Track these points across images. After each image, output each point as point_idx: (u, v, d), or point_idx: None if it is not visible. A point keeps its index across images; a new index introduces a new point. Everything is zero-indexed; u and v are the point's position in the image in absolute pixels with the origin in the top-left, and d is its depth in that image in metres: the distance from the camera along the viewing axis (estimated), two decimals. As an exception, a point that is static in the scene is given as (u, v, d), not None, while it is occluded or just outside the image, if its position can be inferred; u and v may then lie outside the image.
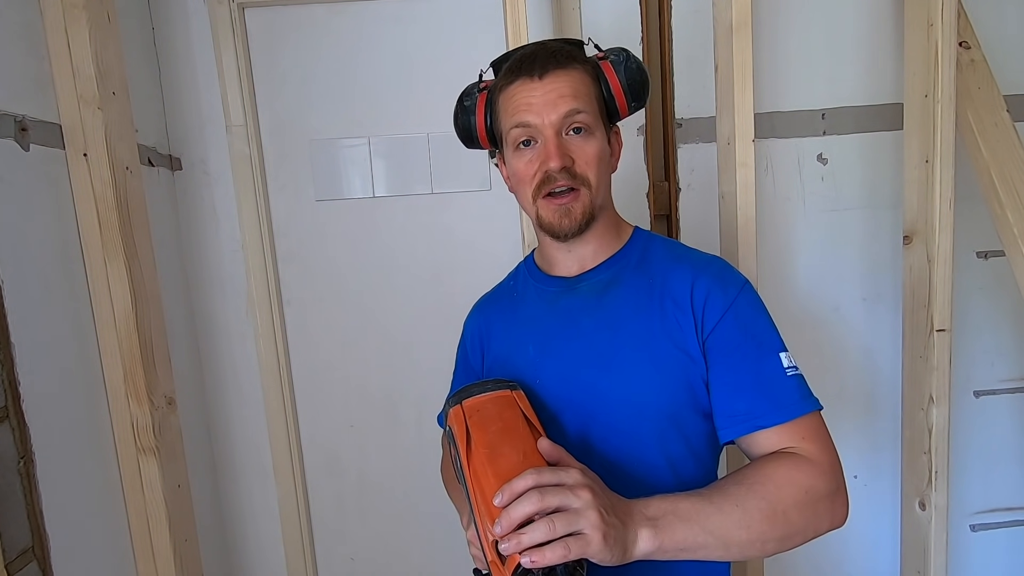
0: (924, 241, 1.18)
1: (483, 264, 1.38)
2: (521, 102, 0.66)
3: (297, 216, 1.38)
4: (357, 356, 1.42)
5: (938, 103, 1.15)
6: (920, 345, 1.16)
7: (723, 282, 0.69)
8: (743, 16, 1.01)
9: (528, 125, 0.66)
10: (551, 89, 0.65)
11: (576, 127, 0.67)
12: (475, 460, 0.61)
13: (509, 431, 0.63)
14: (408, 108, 1.34)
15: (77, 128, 0.95)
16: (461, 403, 0.68)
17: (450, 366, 0.96)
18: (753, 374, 0.64)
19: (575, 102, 0.65)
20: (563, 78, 0.66)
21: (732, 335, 0.66)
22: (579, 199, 0.68)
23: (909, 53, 1.16)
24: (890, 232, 1.36)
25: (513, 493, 0.52)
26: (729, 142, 1.10)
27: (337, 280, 1.41)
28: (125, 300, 0.99)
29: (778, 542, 0.59)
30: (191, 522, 1.13)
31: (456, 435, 0.65)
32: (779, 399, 0.63)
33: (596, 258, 0.75)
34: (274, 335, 1.36)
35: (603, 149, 0.69)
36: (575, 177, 0.67)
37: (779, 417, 0.63)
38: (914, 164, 1.20)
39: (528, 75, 0.66)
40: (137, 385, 0.99)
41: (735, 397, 0.65)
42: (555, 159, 0.65)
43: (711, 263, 0.72)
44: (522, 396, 0.69)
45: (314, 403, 1.42)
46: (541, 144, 0.67)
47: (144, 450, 1.01)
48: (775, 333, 0.68)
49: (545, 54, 0.67)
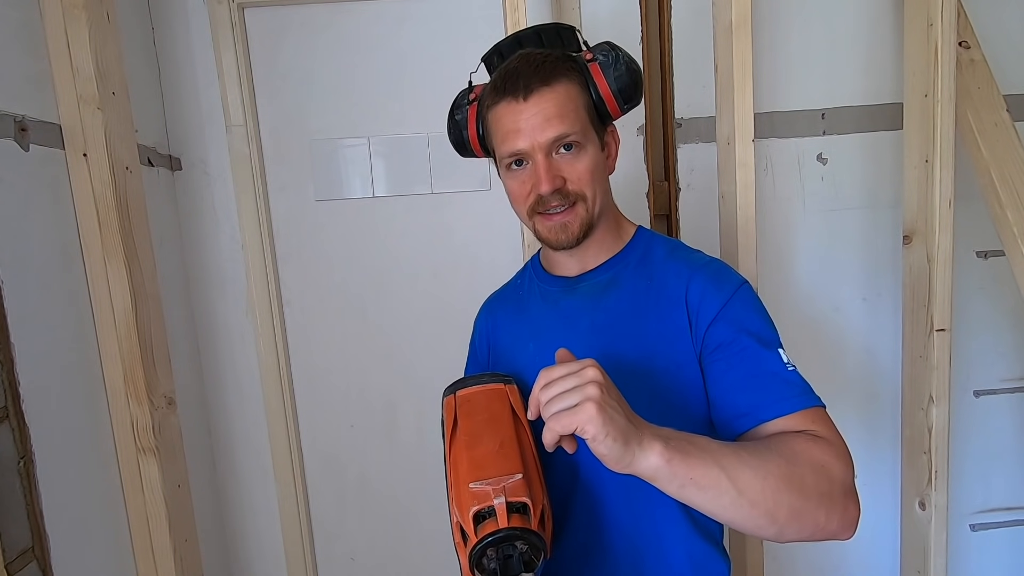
0: (924, 241, 1.19)
1: (483, 264, 1.39)
2: (509, 127, 0.66)
3: (297, 216, 1.38)
4: (357, 356, 1.42)
5: (938, 103, 1.15)
6: (920, 345, 1.16)
7: (718, 282, 0.68)
8: (743, 16, 1.01)
9: (517, 152, 0.67)
10: (537, 112, 0.64)
11: (567, 144, 0.66)
12: (456, 446, 0.64)
13: (494, 421, 0.66)
14: (408, 108, 1.34)
15: (77, 128, 0.95)
16: (455, 393, 0.71)
17: (450, 365, 0.96)
18: (752, 371, 0.63)
19: (562, 124, 0.65)
20: (548, 98, 0.64)
21: (727, 333, 0.65)
22: (575, 214, 0.68)
23: (909, 53, 1.16)
24: (890, 232, 1.36)
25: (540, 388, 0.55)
26: (729, 142, 1.10)
27: (337, 280, 1.41)
28: (125, 300, 0.99)
29: (789, 512, 0.54)
30: (191, 522, 1.13)
31: (445, 422, 0.68)
32: (781, 392, 0.62)
33: (597, 259, 0.75)
34: (274, 335, 1.36)
35: (596, 161, 0.68)
36: (567, 196, 0.67)
37: (783, 409, 0.61)
38: (914, 164, 1.20)
39: (513, 96, 0.65)
40: (137, 385, 0.99)
41: (735, 395, 0.64)
42: (546, 183, 0.66)
43: (709, 264, 0.72)
44: (515, 391, 0.70)
45: (314, 403, 1.42)
46: (532, 166, 0.67)
47: (144, 450, 1.01)
48: (773, 331, 0.67)
49: (529, 71, 0.65)
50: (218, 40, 1.27)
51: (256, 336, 1.36)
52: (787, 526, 0.55)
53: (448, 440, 0.65)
